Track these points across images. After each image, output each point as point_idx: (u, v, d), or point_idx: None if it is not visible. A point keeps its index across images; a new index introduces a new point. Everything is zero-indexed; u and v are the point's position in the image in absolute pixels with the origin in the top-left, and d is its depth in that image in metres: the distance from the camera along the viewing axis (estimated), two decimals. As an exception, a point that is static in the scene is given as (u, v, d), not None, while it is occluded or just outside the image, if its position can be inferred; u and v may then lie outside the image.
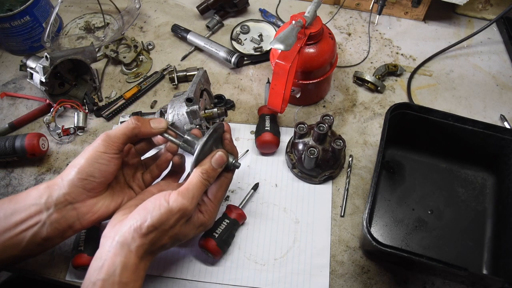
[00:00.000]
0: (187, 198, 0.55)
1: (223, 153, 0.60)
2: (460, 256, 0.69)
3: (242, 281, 0.67)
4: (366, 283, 0.67)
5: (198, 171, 0.58)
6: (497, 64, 0.92)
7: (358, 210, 0.74)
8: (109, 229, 0.55)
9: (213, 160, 0.59)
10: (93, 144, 0.58)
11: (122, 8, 1.00)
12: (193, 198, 0.56)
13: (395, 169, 0.77)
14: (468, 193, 0.74)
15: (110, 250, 0.52)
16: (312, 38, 0.74)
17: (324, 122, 0.72)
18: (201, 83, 0.75)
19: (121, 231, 0.53)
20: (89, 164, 0.56)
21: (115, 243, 0.53)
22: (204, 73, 0.78)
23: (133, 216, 0.54)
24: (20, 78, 0.91)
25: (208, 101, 0.79)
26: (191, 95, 0.70)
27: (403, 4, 0.96)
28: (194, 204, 0.56)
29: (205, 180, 0.58)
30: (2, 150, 0.76)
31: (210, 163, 0.59)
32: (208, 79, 0.80)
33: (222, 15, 0.98)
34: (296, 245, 0.70)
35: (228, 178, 0.63)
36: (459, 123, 0.70)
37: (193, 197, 0.56)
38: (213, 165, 0.59)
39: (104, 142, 0.58)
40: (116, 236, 0.53)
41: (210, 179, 0.59)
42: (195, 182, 0.57)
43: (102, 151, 0.57)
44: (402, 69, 0.89)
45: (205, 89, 0.77)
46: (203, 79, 0.77)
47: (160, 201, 0.55)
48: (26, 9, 0.86)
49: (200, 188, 0.57)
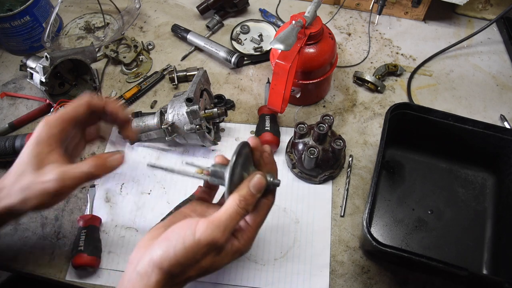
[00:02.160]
0: (218, 230, 0.47)
1: (261, 176, 0.51)
2: (460, 256, 0.69)
3: (242, 281, 0.67)
4: (366, 283, 0.67)
5: (234, 199, 0.49)
6: (497, 64, 0.92)
7: (358, 210, 0.73)
8: (134, 253, 0.50)
9: (251, 185, 0.50)
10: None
11: (122, 8, 1.00)
12: (225, 230, 0.48)
13: (395, 169, 0.77)
14: (468, 193, 0.74)
15: (130, 280, 0.48)
16: (312, 38, 0.74)
17: (324, 122, 0.72)
18: (201, 83, 0.75)
19: (143, 260, 0.48)
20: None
21: (135, 274, 0.48)
22: (204, 73, 0.78)
23: (155, 247, 0.48)
24: (20, 78, 0.91)
25: (208, 101, 0.79)
26: (191, 95, 0.70)
27: (403, 4, 0.96)
28: (227, 237, 0.48)
29: (242, 209, 0.49)
30: (2, 150, 0.76)
31: (248, 189, 0.50)
32: (208, 79, 0.80)
33: (222, 15, 0.98)
34: (296, 245, 0.70)
35: (269, 201, 0.53)
36: (459, 123, 0.70)
37: (226, 229, 0.48)
38: (251, 191, 0.50)
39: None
40: (138, 266, 0.48)
41: (248, 207, 0.50)
42: (230, 212, 0.49)
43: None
44: (402, 69, 0.89)
45: (205, 89, 0.77)
46: (203, 79, 0.77)
47: (186, 232, 0.47)
48: (26, 9, 0.86)
49: (235, 219, 0.49)
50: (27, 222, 0.72)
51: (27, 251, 0.70)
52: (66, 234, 0.72)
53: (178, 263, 0.47)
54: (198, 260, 0.48)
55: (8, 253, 0.70)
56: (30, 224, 0.73)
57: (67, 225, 0.72)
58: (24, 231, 0.72)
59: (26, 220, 0.72)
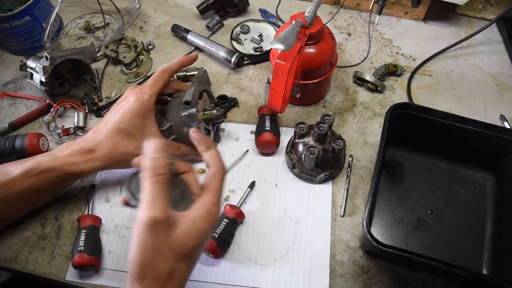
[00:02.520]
0: (144, 208, 0.46)
1: (154, 141, 0.50)
2: (460, 256, 0.69)
3: (242, 281, 0.67)
4: (366, 283, 0.67)
5: (144, 171, 0.49)
6: (497, 64, 0.92)
7: (358, 210, 0.74)
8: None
9: (147, 151, 0.49)
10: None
11: (122, 8, 1.00)
12: (150, 203, 0.46)
13: (395, 169, 0.77)
14: (468, 193, 0.74)
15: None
16: (312, 38, 0.74)
17: (324, 122, 0.72)
18: (201, 84, 0.75)
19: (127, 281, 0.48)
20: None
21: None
22: (204, 73, 0.78)
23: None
24: (20, 78, 0.91)
25: (208, 102, 0.79)
26: (188, 97, 0.70)
27: (403, 4, 0.96)
28: (160, 209, 0.46)
29: (151, 177, 0.48)
30: (2, 150, 0.76)
31: (147, 156, 0.49)
32: (208, 79, 0.80)
33: (222, 15, 0.98)
34: (296, 245, 0.70)
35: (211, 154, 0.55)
36: (459, 123, 0.70)
37: (150, 201, 0.46)
38: (151, 155, 0.49)
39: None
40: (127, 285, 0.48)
41: (156, 170, 0.48)
42: (144, 186, 0.48)
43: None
44: (402, 69, 0.89)
45: (205, 90, 0.77)
46: (203, 79, 0.77)
47: (133, 233, 0.47)
48: (26, 9, 0.86)
49: (156, 189, 0.47)
50: (27, 222, 0.72)
51: (27, 251, 0.70)
52: (66, 234, 0.72)
53: (140, 262, 0.46)
54: (157, 246, 0.46)
55: (8, 253, 0.70)
56: (30, 224, 0.72)
57: (67, 225, 0.72)
58: (24, 231, 0.72)
59: (26, 220, 0.72)
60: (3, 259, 0.69)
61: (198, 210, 0.50)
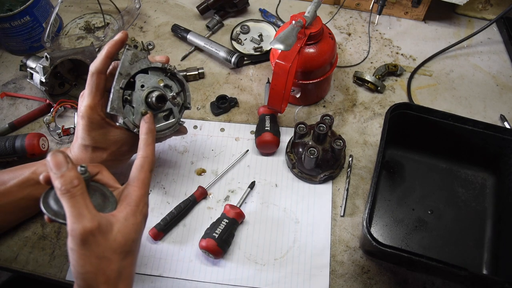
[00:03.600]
0: (73, 223, 0.45)
1: (54, 153, 0.47)
2: (460, 256, 0.69)
3: (242, 281, 0.67)
4: (366, 283, 0.67)
5: (57, 192, 0.46)
6: (497, 64, 0.92)
7: (358, 210, 0.74)
8: None
9: (49, 165, 0.46)
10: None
11: (122, 8, 1.00)
12: (76, 216, 0.45)
13: (395, 169, 0.77)
14: (468, 193, 0.74)
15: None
16: (312, 38, 0.74)
17: (324, 122, 0.72)
18: (122, 75, 0.62)
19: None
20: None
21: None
22: (126, 57, 0.63)
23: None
24: (20, 78, 0.91)
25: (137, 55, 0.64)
26: (110, 110, 0.61)
27: (403, 4, 0.96)
28: (88, 219, 0.45)
29: (66, 193, 0.45)
30: (2, 150, 0.76)
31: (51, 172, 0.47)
32: (136, 55, 0.64)
33: (222, 15, 0.98)
34: (296, 245, 0.70)
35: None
36: (459, 123, 0.70)
37: (76, 215, 0.45)
38: (52, 169, 0.46)
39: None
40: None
41: (67, 185, 0.45)
42: (64, 203, 0.46)
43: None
44: (402, 69, 0.89)
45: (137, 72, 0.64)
46: (127, 63, 0.63)
47: (68, 248, 0.47)
48: (26, 9, 0.86)
49: (74, 203, 0.46)
50: (27, 222, 0.72)
51: (27, 251, 0.70)
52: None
53: (88, 274, 0.46)
54: (100, 253, 0.46)
55: (8, 253, 0.70)
56: (30, 224, 0.72)
57: (67, 225, 0.72)
58: (24, 231, 0.72)
59: (26, 220, 0.72)
60: (3, 259, 0.69)
61: (127, 207, 0.51)
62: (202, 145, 0.81)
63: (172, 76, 0.67)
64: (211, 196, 0.75)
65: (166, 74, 0.67)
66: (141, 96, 0.63)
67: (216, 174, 0.77)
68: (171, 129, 0.68)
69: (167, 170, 0.78)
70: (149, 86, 0.64)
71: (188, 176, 0.77)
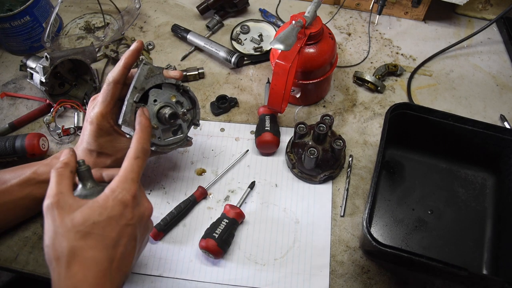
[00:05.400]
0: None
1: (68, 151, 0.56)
2: (460, 256, 0.69)
3: (242, 281, 0.67)
4: (366, 283, 0.67)
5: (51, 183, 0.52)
6: (497, 64, 0.92)
7: (358, 210, 0.74)
8: None
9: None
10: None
11: (122, 8, 1.00)
12: (47, 193, 0.52)
13: (395, 169, 0.77)
14: (468, 193, 0.74)
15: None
16: (312, 38, 0.74)
17: (324, 122, 0.72)
18: (137, 89, 0.63)
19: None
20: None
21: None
22: (142, 71, 0.63)
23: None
24: (20, 78, 0.91)
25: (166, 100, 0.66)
26: (122, 123, 0.62)
27: (403, 4, 0.96)
28: (51, 195, 0.51)
29: (54, 170, 0.53)
30: (2, 150, 0.76)
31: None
32: (152, 70, 0.64)
33: (222, 15, 0.98)
34: (296, 245, 0.70)
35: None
36: (459, 123, 0.70)
37: (47, 192, 0.52)
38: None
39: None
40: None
41: (57, 167, 0.53)
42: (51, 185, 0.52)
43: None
44: (402, 69, 0.89)
45: (153, 87, 0.65)
46: (142, 77, 0.63)
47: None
48: (26, 9, 0.86)
49: (51, 182, 0.52)
50: (27, 222, 0.72)
51: (27, 251, 0.70)
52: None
53: (46, 247, 0.49)
54: (55, 229, 0.49)
55: (8, 253, 0.70)
56: (31, 224, 0.72)
57: (67, 225, 0.72)
58: (24, 231, 0.72)
59: (26, 220, 0.72)
60: (3, 259, 0.69)
61: (104, 191, 0.53)
62: (202, 145, 0.81)
63: (184, 93, 0.69)
64: (211, 196, 0.75)
65: (179, 90, 0.68)
66: (153, 110, 0.65)
67: (216, 174, 0.77)
68: (178, 144, 0.69)
69: (167, 171, 0.78)
70: (162, 101, 0.66)
71: (188, 176, 0.77)
